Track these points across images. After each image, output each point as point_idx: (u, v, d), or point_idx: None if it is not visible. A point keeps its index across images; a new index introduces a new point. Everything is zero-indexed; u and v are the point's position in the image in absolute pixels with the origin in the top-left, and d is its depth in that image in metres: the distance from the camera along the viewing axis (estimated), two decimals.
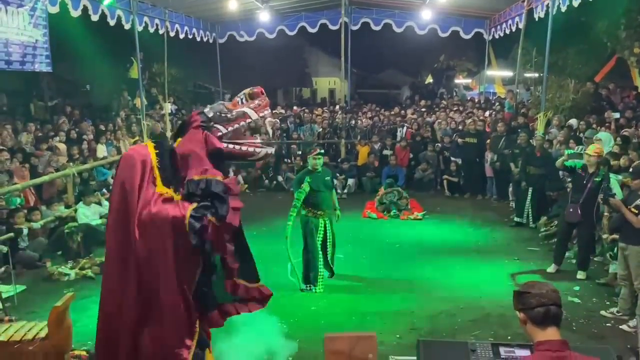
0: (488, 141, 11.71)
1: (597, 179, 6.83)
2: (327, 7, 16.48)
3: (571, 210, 7.09)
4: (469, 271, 7.39)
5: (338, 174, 12.27)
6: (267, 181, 13.20)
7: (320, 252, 6.66)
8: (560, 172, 8.98)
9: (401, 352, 4.99)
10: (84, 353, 4.77)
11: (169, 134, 10.82)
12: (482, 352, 3.00)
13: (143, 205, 2.99)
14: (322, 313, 6.01)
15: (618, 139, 8.91)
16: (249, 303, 3.44)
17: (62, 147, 10.59)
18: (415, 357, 3.15)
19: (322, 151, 6.95)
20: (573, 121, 11.15)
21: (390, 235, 9.21)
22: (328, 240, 6.78)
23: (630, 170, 6.86)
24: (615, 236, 6.34)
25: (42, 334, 4.28)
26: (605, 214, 6.91)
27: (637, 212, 5.54)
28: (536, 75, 16.29)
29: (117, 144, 12.27)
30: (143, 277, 3.04)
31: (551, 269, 7.32)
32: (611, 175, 7.17)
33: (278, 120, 15.41)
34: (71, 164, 9.97)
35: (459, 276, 7.20)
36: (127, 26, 12.00)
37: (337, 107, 17.57)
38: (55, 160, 9.88)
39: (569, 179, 8.28)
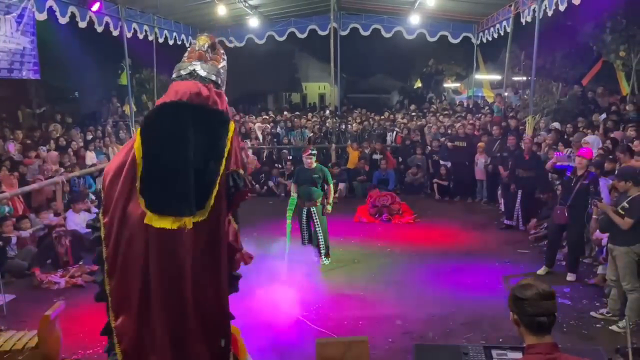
0: (480, 144, 11.79)
1: (585, 182, 6.89)
2: (316, 13, 16.53)
3: (558, 212, 7.16)
4: (460, 274, 7.41)
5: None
6: (257, 186, 13.19)
7: (315, 237, 7.74)
8: (550, 175, 9.06)
9: (393, 356, 5.02)
10: None
11: None
12: (475, 355, 3.02)
13: None
14: (313, 319, 6.01)
15: (608, 141, 9.00)
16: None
17: (53, 154, 10.50)
18: None
19: (314, 151, 7.89)
20: (556, 124, 11.25)
21: (381, 239, 9.23)
22: (317, 227, 7.67)
23: (616, 173, 6.94)
24: (600, 236, 6.41)
25: (32, 344, 4.26)
26: (594, 216, 6.97)
27: (623, 213, 5.61)
28: (524, 78, 16.45)
29: (107, 150, 12.21)
30: None
31: (542, 271, 7.37)
32: (600, 179, 7.25)
33: (268, 125, 15.43)
34: (62, 169, 9.90)
35: (450, 279, 7.22)
36: (115, 33, 11.94)
37: (327, 111, 17.61)
38: (49, 169, 9.79)
39: (558, 182, 8.35)
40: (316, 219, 7.72)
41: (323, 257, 7.80)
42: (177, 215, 3.14)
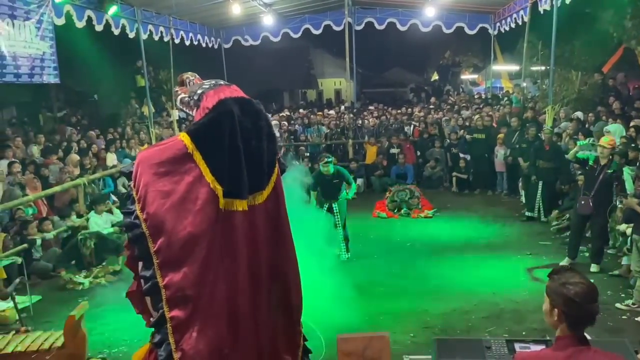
0: (499, 136, 11.66)
1: (609, 171, 6.77)
2: (330, 8, 16.48)
3: (583, 202, 7.03)
4: (481, 267, 7.36)
5: None
6: None
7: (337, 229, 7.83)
8: (571, 165, 8.92)
9: (415, 351, 4.99)
10: None
11: None
12: (497, 348, 3.00)
13: None
14: (334, 314, 6.00)
15: (632, 129, 8.82)
16: None
17: (74, 157, 10.67)
18: (429, 356, 3.15)
19: (330, 159, 7.92)
20: (579, 113, 11.06)
21: (401, 234, 9.20)
22: (337, 222, 7.78)
23: (638, 164, 6.81)
24: (629, 227, 6.29)
25: (59, 343, 4.33)
26: (620, 206, 6.85)
27: None
28: (543, 68, 16.20)
29: (129, 152, 12.33)
30: None
31: (565, 262, 7.27)
32: (624, 168, 7.11)
33: (285, 123, 15.46)
34: (91, 172, 10.05)
35: (471, 273, 7.17)
36: (131, 35, 12.06)
37: (343, 107, 17.57)
38: (70, 172, 9.94)
39: (580, 172, 8.22)
40: (337, 213, 7.82)
41: (343, 251, 7.84)
42: (253, 192, 3.34)
